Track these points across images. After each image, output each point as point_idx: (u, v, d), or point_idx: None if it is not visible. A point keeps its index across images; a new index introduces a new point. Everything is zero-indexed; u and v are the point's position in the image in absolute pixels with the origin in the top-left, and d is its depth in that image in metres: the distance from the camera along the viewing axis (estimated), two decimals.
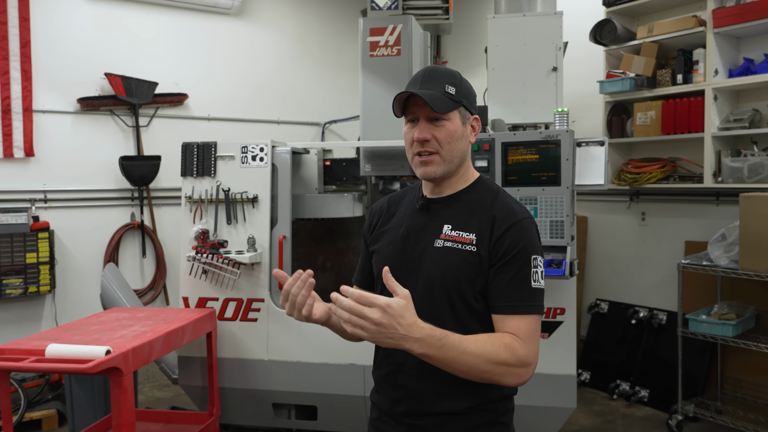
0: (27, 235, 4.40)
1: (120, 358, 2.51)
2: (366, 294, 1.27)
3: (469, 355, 1.34)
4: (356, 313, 1.26)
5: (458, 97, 1.52)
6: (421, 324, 1.30)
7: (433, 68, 1.55)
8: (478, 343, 1.37)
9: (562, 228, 3.03)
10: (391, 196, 1.75)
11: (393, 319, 1.25)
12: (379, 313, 1.25)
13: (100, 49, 4.90)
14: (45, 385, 4.21)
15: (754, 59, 3.86)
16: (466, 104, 1.54)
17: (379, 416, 1.62)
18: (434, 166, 1.52)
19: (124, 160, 4.88)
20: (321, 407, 3.49)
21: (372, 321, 1.25)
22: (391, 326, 1.26)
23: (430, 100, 1.46)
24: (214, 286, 3.51)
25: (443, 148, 1.51)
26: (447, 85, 1.50)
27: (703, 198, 4.23)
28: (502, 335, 1.43)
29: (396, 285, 1.30)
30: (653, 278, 4.56)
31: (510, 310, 1.46)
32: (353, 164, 3.90)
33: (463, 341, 1.35)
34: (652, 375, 4.36)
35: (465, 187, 1.59)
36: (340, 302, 1.27)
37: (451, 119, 1.51)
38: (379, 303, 1.25)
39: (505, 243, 1.48)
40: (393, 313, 1.25)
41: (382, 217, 1.70)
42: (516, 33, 3.80)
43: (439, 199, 1.59)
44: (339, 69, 6.09)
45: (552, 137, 3.04)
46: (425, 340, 1.30)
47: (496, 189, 1.60)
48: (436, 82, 1.50)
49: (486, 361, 1.36)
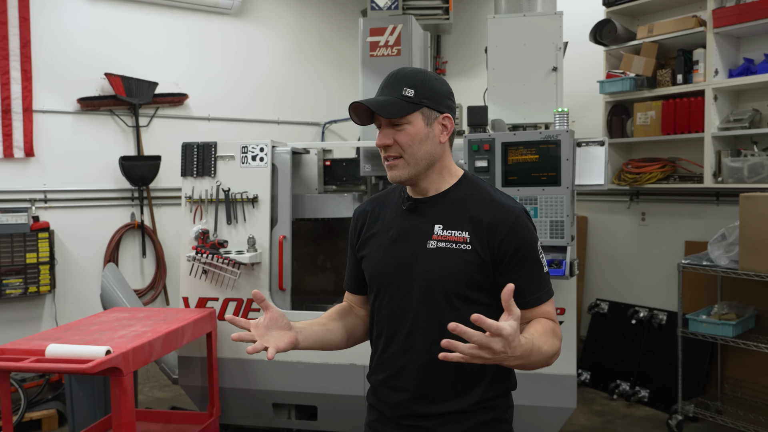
0: (27, 235, 4.40)
1: (120, 358, 2.51)
2: (492, 322, 1.22)
3: (543, 353, 1.39)
4: (484, 345, 1.22)
5: (418, 98, 1.49)
6: (521, 340, 1.30)
7: (396, 72, 1.54)
8: (542, 337, 1.42)
9: (562, 228, 3.03)
10: (373, 199, 1.73)
11: (508, 344, 1.24)
12: (501, 343, 1.23)
13: (100, 49, 4.90)
14: (45, 385, 4.21)
15: (754, 59, 3.86)
16: (429, 104, 1.51)
17: (379, 419, 1.61)
18: (399, 170, 1.52)
19: (124, 160, 4.88)
20: (321, 407, 3.50)
21: (492, 351, 1.23)
22: (504, 351, 1.24)
23: (377, 107, 1.47)
24: (214, 286, 3.51)
25: (406, 152, 1.50)
26: (405, 88, 1.49)
27: (703, 198, 4.22)
28: (544, 322, 1.49)
29: (512, 304, 1.26)
30: (653, 278, 4.56)
31: (537, 302, 1.51)
32: (353, 164, 3.90)
33: (537, 341, 1.38)
34: (652, 375, 4.36)
35: (450, 186, 1.58)
36: (469, 336, 1.21)
37: (412, 122, 1.50)
38: (505, 334, 1.22)
39: (511, 245, 1.48)
40: (511, 341, 1.24)
41: (367, 220, 1.67)
42: (516, 33, 3.80)
43: (425, 199, 1.57)
44: (339, 69, 6.09)
45: (552, 137, 3.03)
46: (522, 357, 1.30)
47: (483, 185, 1.59)
48: (394, 86, 1.50)
49: (551, 352, 1.42)
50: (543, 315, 1.52)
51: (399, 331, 1.54)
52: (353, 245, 1.71)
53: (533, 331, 1.43)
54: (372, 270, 1.61)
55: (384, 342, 1.59)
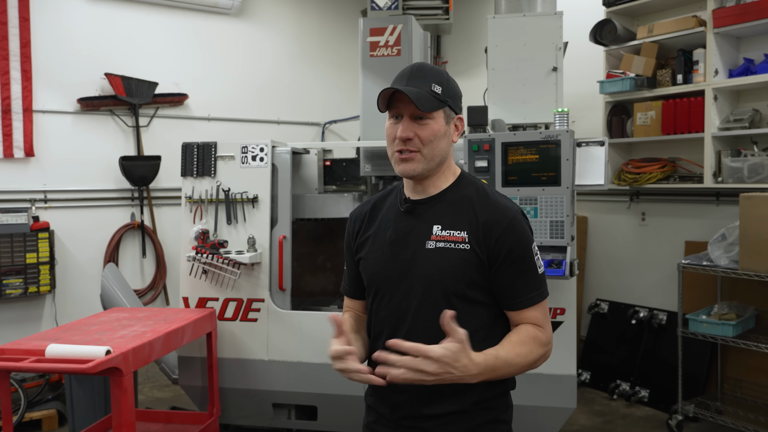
0: (27, 235, 4.40)
1: (120, 358, 2.51)
2: (417, 347, 1.31)
3: (513, 365, 1.43)
4: (412, 369, 1.30)
5: (444, 96, 1.50)
6: (475, 359, 1.35)
7: (421, 65, 1.53)
8: (515, 348, 1.44)
9: (562, 228, 3.03)
10: (369, 201, 1.72)
11: (448, 366, 1.31)
12: (434, 365, 1.31)
13: (100, 49, 4.90)
14: (45, 385, 4.21)
15: (754, 59, 3.86)
16: (451, 104, 1.53)
17: (377, 420, 1.61)
18: (414, 163, 1.51)
19: (124, 160, 4.88)
20: (321, 407, 3.49)
21: (428, 373, 1.30)
22: (446, 372, 1.32)
23: (415, 99, 1.45)
24: (214, 286, 3.51)
25: (425, 147, 1.50)
26: (433, 84, 1.49)
27: (703, 198, 4.22)
28: (526, 329, 1.50)
29: (452, 328, 1.32)
30: (653, 278, 4.56)
31: (528, 303, 1.51)
32: (353, 164, 3.90)
33: (505, 355, 1.42)
34: (652, 375, 4.36)
35: (448, 186, 1.58)
36: (392, 361, 1.29)
37: (435, 118, 1.50)
38: (432, 355, 1.29)
39: (505, 245, 1.48)
40: (448, 361, 1.31)
41: (364, 223, 1.67)
42: (516, 33, 3.80)
43: (423, 200, 1.57)
44: (339, 69, 6.09)
45: (552, 137, 3.03)
46: (480, 374, 1.37)
47: (480, 185, 1.59)
48: (422, 79, 1.49)
49: (525, 362, 1.46)
50: (530, 320, 1.52)
51: (398, 332, 1.54)
52: (350, 248, 1.71)
53: (505, 342, 1.46)
54: (370, 271, 1.61)
55: (383, 343, 1.57)
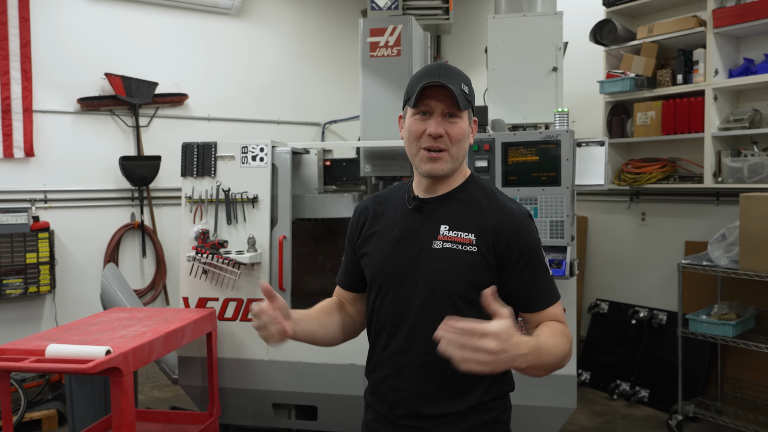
0: (27, 235, 4.40)
1: (120, 358, 2.51)
2: (475, 325, 1.17)
3: (552, 353, 1.37)
4: (472, 348, 1.17)
5: (470, 97, 1.53)
6: (523, 338, 1.25)
7: (445, 65, 1.53)
8: (550, 338, 1.40)
9: (562, 228, 3.03)
10: (376, 196, 1.70)
11: (505, 342, 1.18)
12: (494, 342, 1.17)
13: (100, 49, 4.90)
14: (45, 385, 4.21)
15: (754, 59, 3.86)
16: (473, 106, 1.55)
17: (376, 418, 1.61)
18: (442, 163, 1.50)
19: (124, 160, 4.88)
20: (321, 407, 3.50)
21: (487, 351, 1.17)
22: (504, 351, 1.18)
23: (459, 95, 1.46)
24: (214, 286, 3.51)
25: (453, 146, 1.50)
26: (463, 84, 1.50)
27: (703, 198, 4.22)
28: (555, 325, 1.48)
29: (497, 306, 1.22)
30: (653, 278, 4.56)
31: (545, 305, 1.51)
32: (353, 164, 3.90)
33: (545, 341, 1.36)
34: (652, 375, 4.36)
35: (458, 186, 1.58)
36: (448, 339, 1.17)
37: (463, 118, 1.51)
38: (491, 331, 1.17)
39: (516, 249, 1.49)
40: (505, 337, 1.18)
41: (369, 218, 1.66)
42: (516, 33, 3.80)
43: (431, 199, 1.57)
44: (339, 69, 6.09)
45: (552, 137, 3.04)
46: (530, 355, 1.25)
47: (489, 187, 1.60)
48: (452, 79, 1.48)
49: (560, 353, 1.40)
50: (551, 317, 1.51)
51: (399, 329, 1.54)
52: (353, 242, 1.69)
53: (540, 332, 1.43)
54: (374, 268, 1.60)
55: (384, 340, 1.58)
